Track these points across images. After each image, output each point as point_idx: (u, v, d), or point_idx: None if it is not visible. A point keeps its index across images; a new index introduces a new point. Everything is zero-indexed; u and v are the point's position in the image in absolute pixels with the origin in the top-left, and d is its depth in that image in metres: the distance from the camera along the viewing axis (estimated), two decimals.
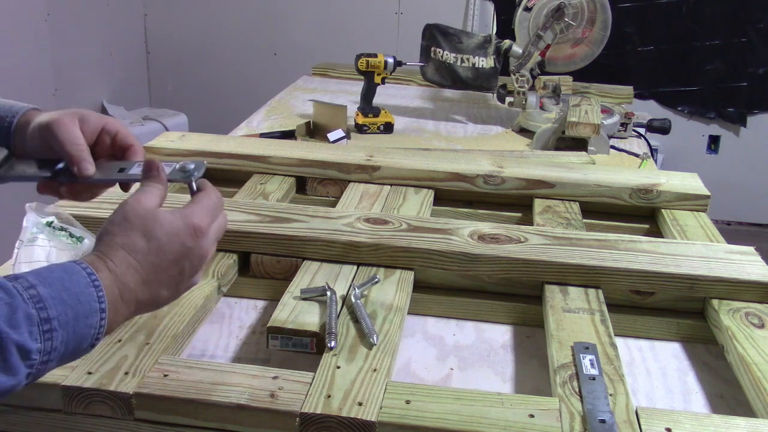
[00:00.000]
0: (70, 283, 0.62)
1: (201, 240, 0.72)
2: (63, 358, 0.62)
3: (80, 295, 0.62)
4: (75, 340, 0.61)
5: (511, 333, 1.03)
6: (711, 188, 1.39)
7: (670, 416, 0.77)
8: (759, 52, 3.57)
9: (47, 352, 0.59)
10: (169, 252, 0.69)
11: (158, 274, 0.69)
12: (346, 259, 1.08)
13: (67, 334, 0.60)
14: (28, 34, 2.99)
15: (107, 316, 0.64)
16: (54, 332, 0.59)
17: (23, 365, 0.58)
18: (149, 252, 0.68)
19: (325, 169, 1.41)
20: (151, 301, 0.70)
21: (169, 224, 0.70)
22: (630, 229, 1.33)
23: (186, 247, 0.70)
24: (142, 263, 0.68)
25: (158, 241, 0.69)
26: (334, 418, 0.74)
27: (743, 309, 0.99)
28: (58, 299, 0.60)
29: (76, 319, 0.61)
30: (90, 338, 0.63)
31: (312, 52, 3.50)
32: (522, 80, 2.01)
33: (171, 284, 0.71)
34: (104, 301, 0.64)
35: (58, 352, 0.60)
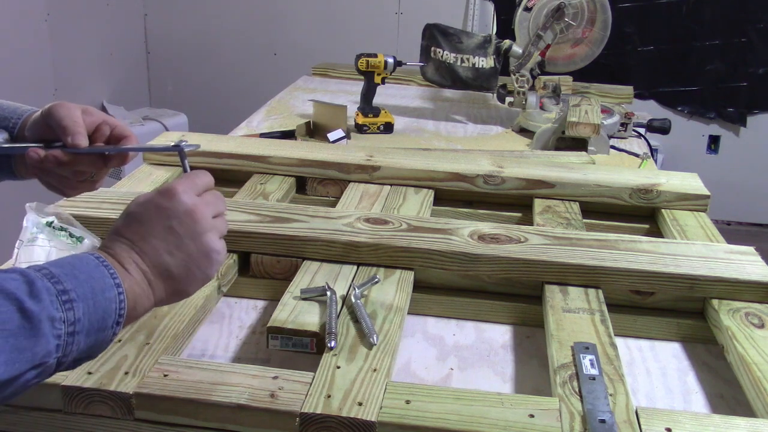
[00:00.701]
0: (81, 264, 0.65)
1: (175, 199, 0.72)
2: (90, 332, 0.63)
3: (92, 272, 0.64)
4: (98, 313, 0.63)
5: (511, 333, 1.03)
6: (711, 188, 1.39)
7: (670, 416, 0.77)
8: (759, 52, 3.57)
9: (71, 322, 0.61)
10: (145, 217, 0.71)
11: (144, 239, 0.70)
12: (346, 259, 1.08)
13: (87, 306, 0.62)
14: (28, 34, 2.99)
15: (125, 289, 0.66)
16: (74, 303, 0.61)
17: (51, 334, 0.59)
18: (130, 224, 0.71)
19: (325, 169, 1.41)
20: (161, 269, 0.70)
21: (142, 197, 0.73)
22: (630, 229, 1.33)
23: (161, 208, 0.72)
24: (127, 236, 0.70)
25: (134, 215, 0.72)
26: (334, 418, 0.74)
27: (743, 309, 0.99)
28: (71, 275, 0.62)
29: (93, 292, 0.63)
30: (114, 313, 0.64)
31: (312, 52, 3.49)
32: (522, 80, 2.01)
33: (170, 249, 0.71)
34: (117, 276, 0.66)
35: (83, 324, 0.62)
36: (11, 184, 0.94)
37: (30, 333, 0.57)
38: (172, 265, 0.71)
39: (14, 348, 0.56)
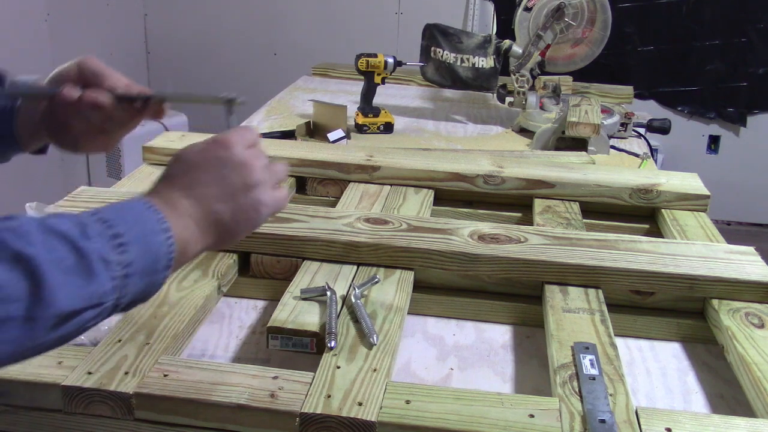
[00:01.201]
0: (129, 208, 0.65)
1: (230, 150, 0.73)
2: (143, 275, 0.63)
3: (141, 216, 0.65)
4: (150, 256, 0.64)
5: (511, 333, 1.03)
6: (711, 188, 1.39)
7: (670, 416, 0.77)
8: (759, 52, 3.57)
9: (125, 264, 0.61)
10: (201, 165, 0.72)
11: (200, 186, 0.71)
12: (346, 259, 1.08)
13: (139, 249, 0.63)
14: (28, 34, 2.99)
15: (174, 233, 0.66)
16: (127, 245, 0.62)
17: (106, 274, 0.60)
18: (185, 171, 0.72)
19: (325, 169, 1.41)
20: (213, 218, 0.71)
21: (199, 146, 0.74)
22: (630, 229, 1.33)
23: (217, 158, 0.73)
24: (181, 181, 0.71)
25: (188, 161, 0.73)
26: (334, 418, 0.74)
27: (743, 309, 0.99)
28: (122, 219, 0.63)
29: (144, 235, 0.64)
30: (164, 257, 0.65)
31: (312, 52, 3.49)
32: (522, 80, 2.01)
33: (223, 198, 0.72)
34: (165, 220, 0.66)
35: (137, 267, 0.62)
36: (11, 184, 0.94)
37: (86, 272, 0.58)
38: (223, 212, 0.72)
39: (72, 284, 0.57)
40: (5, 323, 0.54)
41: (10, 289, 0.54)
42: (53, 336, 0.58)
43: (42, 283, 0.55)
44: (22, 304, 0.55)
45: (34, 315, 0.55)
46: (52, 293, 0.56)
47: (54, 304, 0.56)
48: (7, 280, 0.54)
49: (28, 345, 0.57)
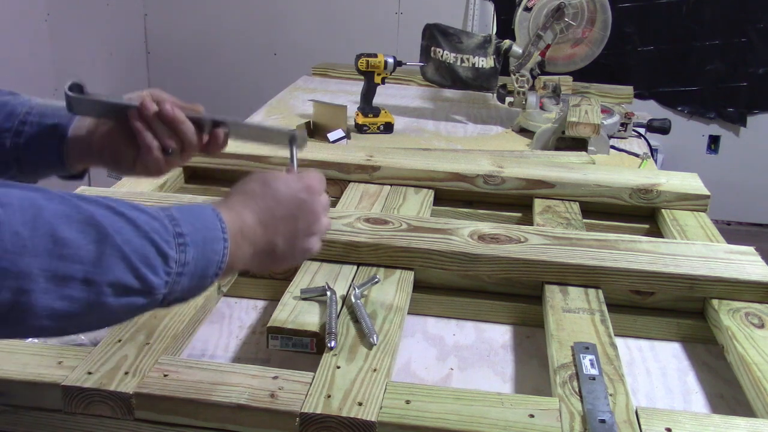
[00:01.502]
0: (199, 212, 0.68)
1: (314, 197, 0.77)
2: (193, 277, 0.65)
3: (207, 222, 0.67)
4: (203, 262, 0.66)
5: (511, 333, 1.03)
6: (711, 188, 1.39)
7: (670, 416, 0.77)
8: (759, 52, 3.57)
9: (182, 264, 0.64)
10: (283, 199, 0.75)
11: (274, 218, 0.74)
12: (346, 259, 1.08)
13: (197, 252, 0.65)
14: (28, 34, 2.99)
15: (229, 248, 0.68)
16: (187, 247, 0.64)
17: (162, 269, 0.62)
18: (265, 196, 0.74)
19: (325, 169, 1.41)
20: (268, 248, 0.73)
21: (285, 177, 0.77)
22: (630, 229, 1.33)
23: (299, 199, 0.76)
24: (260, 205, 0.73)
25: (275, 189, 0.75)
26: (334, 418, 0.74)
27: (743, 309, 0.99)
28: (189, 221, 0.66)
29: (204, 242, 0.66)
30: (215, 265, 0.67)
31: (312, 52, 3.49)
32: (522, 80, 2.01)
33: (286, 235, 0.74)
34: (227, 231, 0.68)
35: (190, 269, 0.64)
36: None
37: (145, 260, 0.61)
38: (279, 248, 0.74)
39: (131, 263, 0.59)
40: (67, 281, 0.56)
41: (76, 249, 0.56)
42: (111, 308, 0.60)
43: (106, 251, 0.58)
44: (85, 266, 0.57)
45: (94, 279, 0.57)
46: (111, 262, 0.58)
47: (112, 272, 0.58)
48: (76, 239, 0.57)
49: (87, 309, 0.58)
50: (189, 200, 1.17)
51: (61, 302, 0.56)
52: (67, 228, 0.56)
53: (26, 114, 0.86)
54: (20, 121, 0.85)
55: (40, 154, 0.86)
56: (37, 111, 0.87)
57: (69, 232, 0.56)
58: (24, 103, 0.87)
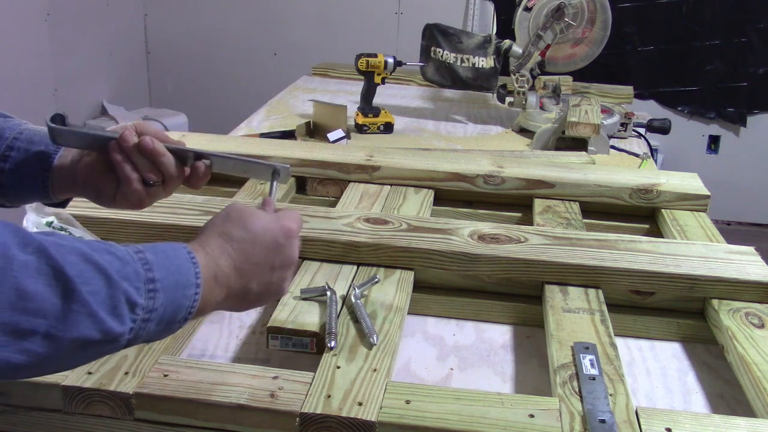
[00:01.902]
0: (173, 255, 0.66)
1: (291, 240, 0.76)
2: (160, 323, 0.64)
3: (180, 266, 0.66)
4: (172, 307, 0.65)
5: (511, 333, 1.03)
6: (711, 188, 1.39)
7: (670, 416, 0.77)
8: (759, 52, 3.57)
9: (149, 310, 0.63)
10: (261, 244, 0.73)
11: (250, 264, 0.72)
12: (346, 259, 1.08)
13: (167, 298, 0.64)
14: (28, 34, 2.99)
15: (201, 293, 0.67)
16: (157, 293, 0.63)
17: (129, 317, 0.61)
18: (244, 240, 0.72)
19: (325, 169, 1.41)
20: (241, 292, 0.72)
21: (265, 220, 0.75)
22: (630, 229, 1.33)
23: (277, 243, 0.74)
24: (237, 250, 0.72)
25: (253, 233, 0.73)
26: (334, 418, 0.74)
27: (743, 309, 0.99)
28: (162, 265, 0.64)
29: (175, 287, 0.65)
30: (185, 310, 0.66)
31: (312, 52, 3.50)
32: (522, 80, 2.01)
33: (261, 280, 0.73)
34: (200, 277, 0.67)
35: (158, 314, 0.64)
36: None
37: (112, 310, 0.60)
38: (252, 292, 0.73)
39: (96, 315, 0.59)
40: (27, 336, 0.55)
41: (41, 304, 0.55)
42: (65, 360, 0.59)
43: (71, 306, 0.57)
44: (47, 321, 0.56)
45: (55, 335, 0.56)
46: (76, 319, 0.57)
47: (76, 329, 0.57)
48: (42, 294, 0.56)
49: (44, 361, 0.58)
50: (188, 201, 1.17)
51: (18, 356, 0.55)
52: (33, 281, 0.55)
53: (14, 139, 0.85)
54: (7, 146, 0.85)
55: (24, 180, 0.85)
56: (25, 137, 0.86)
57: (35, 285, 0.55)
58: (13, 128, 0.86)
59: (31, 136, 0.86)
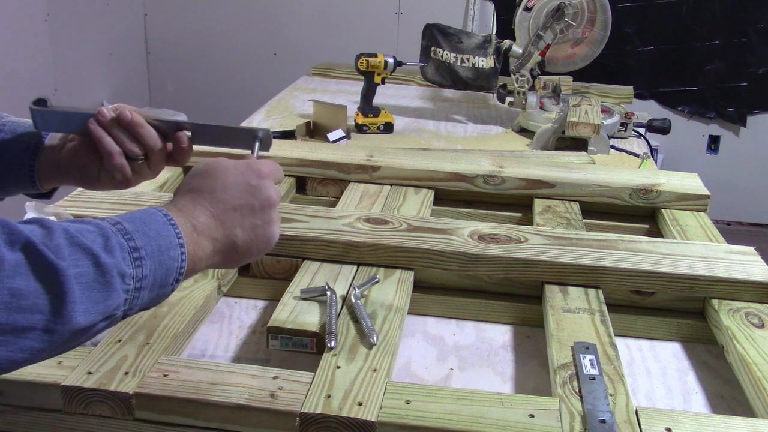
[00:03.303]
0: (150, 221, 0.66)
1: (263, 181, 0.75)
2: (153, 288, 0.65)
3: (160, 230, 0.66)
4: (162, 271, 0.65)
5: (511, 333, 1.03)
6: (711, 188, 1.39)
7: (670, 416, 0.77)
8: (759, 52, 3.57)
9: (139, 278, 0.63)
10: (234, 187, 0.73)
11: (227, 210, 0.72)
12: (346, 259, 1.08)
13: (154, 263, 0.64)
14: (28, 34, 2.99)
15: (187, 250, 0.67)
16: (143, 260, 0.63)
17: (121, 288, 0.61)
18: (214, 189, 0.72)
19: (325, 169, 1.41)
20: (228, 241, 0.72)
21: (234, 166, 0.74)
22: (630, 229, 1.33)
23: (249, 184, 0.74)
24: (209, 200, 0.72)
25: (223, 180, 0.73)
26: (334, 418, 0.74)
27: (743, 309, 0.99)
28: (141, 233, 0.65)
29: (160, 251, 0.65)
30: (175, 272, 0.66)
31: (312, 52, 3.50)
32: (522, 80, 2.01)
33: (245, 225, 0.73)
34: (181, 236, 0.67)
35: (149, 281, 0.64)
36: None
37: (104, 287, 0.60)
38: (240, 239, 0.73)
39: (90, 299, 0.59)
40: (26, 332, 0.55)
41: (34, 300, 0.56)
42: (67, 346, 0.60)
43: (65, 299, 0.57)
44: (44, 316, 0.56)
45: (54, 328, 0.57)
46: (72, 309, 0.57)
47: (73, 319, 0.58)
48: (33, 290, 0.56)
49: (44, 354, 0.58)
50: None
51: (20, 354, 0.56)
52: (24, 279, 0.55)
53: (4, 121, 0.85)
54: None
55: (11, 169, 0.86)
56: (9, 128, 0.86)
57: (27, 282, 0.55)
58: None
59: (14, 127, 0.87)
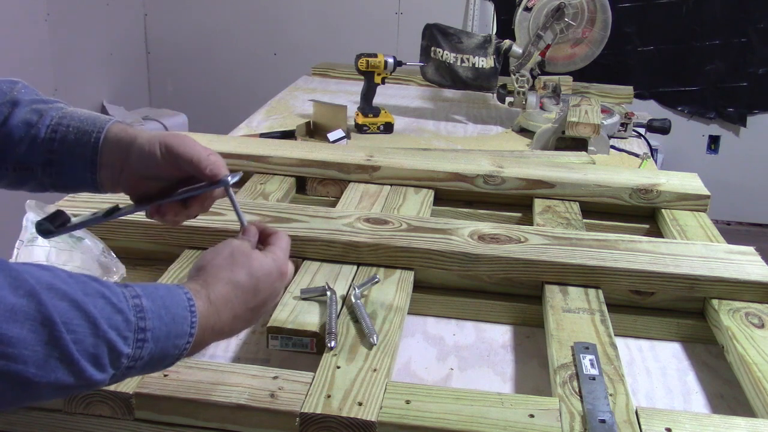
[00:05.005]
0: (171, 303, 0.65)
1: (284, 282, 0.77)
2: (144, 368, 0.64)
3: (176, 316, 0.65)
4: (159, 355, 0.64)
5: (511, 333, 1.03)
6: (711, 188, 1.39)
7: (670, 416, 0.77)
8: (759, 52, 3.57)
9: (135, 359, 0.62)
10: (262, 291, 0.74)
11: (247, 310, 0.72)
12: (346, 259, 1.08)
13: (155, 347, 0.63)
14: (28, 34, 2.99)
15: (193, 341, 0.66)
16: (146, 342, 0.62)
17: (111, 366, 0.60)
18: (248, 290, 0.72)
19: (325, 169, 1.41)
20: (228, 330, 0.72)
21: (267, 266, 0.74)
22: (630, 229, 1.33)
23: (274, 287, 0.75)
24: (240, 299, 0.71)
25: (256, 279, 0.73)
26: (334, 418, 0.74)
27: (743, 309, 0.99)
28: (156, 315, 0.63)
29: (167, 337, 0.64)
30: (171, 358, 0.65)
31: (312, 52, 3.49)
32: (522, 80, 2.01)
33: (246, 318, 0.73)
34: (195, 327, 0.66)
35: (143, 362, 0.63)
36: None
37: (94, 361, 0.59)
38: (236, 330, 0.73)
39: (78, 365, 0.57)
40: (2, 378, 0.54)
41: (23, 350, 0.54)
42: (42, 398, 0.59)
43: (53, 353, 0.56)
44: (27, 367, 0.55)
45: (32, 380, 0.55)
46: (56, 365, 0.56)
47: (53, 374, 0.56)
48: (25, 339, 0.54)
49: (15, 402, 0.57)
50: None
51: None
52: (18, 326, 0.54)
53: (61, 117, 0.83)
54: (57, 122, 0.83)
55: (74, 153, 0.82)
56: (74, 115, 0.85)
57: (21, 330, 0.54)
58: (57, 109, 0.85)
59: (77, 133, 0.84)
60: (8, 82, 0.87)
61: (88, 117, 0.85)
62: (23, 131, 0.82)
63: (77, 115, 0.85)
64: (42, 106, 0.85)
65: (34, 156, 0.83)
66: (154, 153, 0.80)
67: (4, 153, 0.83)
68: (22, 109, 0.84)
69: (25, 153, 0.82)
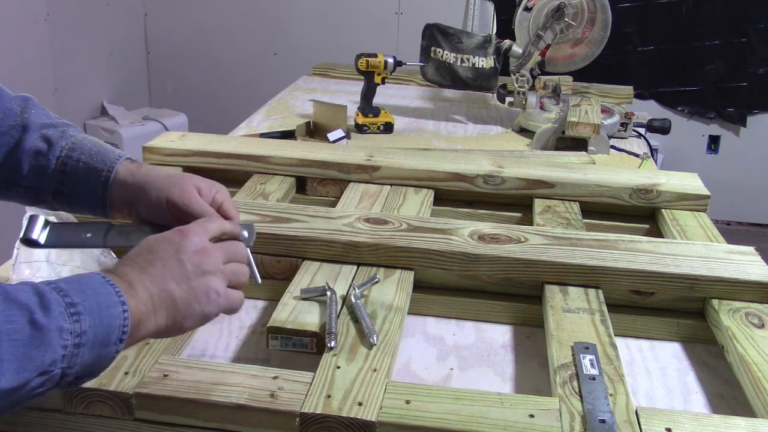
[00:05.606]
0: (87, 281, 0.66)
1: (187, 236, 0.75)
2: (94, 346, 0.64)
3: (98, 288, 0.66)
4: (102, 328, 0.64)
5: (511, 333, 1.03)
6: (711, 188, 1.39)
7: (670, 416, 0.77)
8: (759, 52, 3.57)
9: (78, 333, 0.62)
10: (153, 246, 0.74)
11: (157, 266, 0.72)
12: (346, 259, 1.08)
13: (93, 320, 0.63)
14: (28, 34, 2.99)
15: (130, 307, 0.67)
16: (81, 315, 0.63)
17: (59, 344, 0.60)
18: (139, 254, 0.74)
19: (325, 169, 1.41)
20: (165, 295, 0.71)
21: (159, 234, 0.76)
22: (630, 229, 1.33)
23: (172, 242, 0.75)
24: (139, 262, 0.73)
25: (147, 245, 0.75)
26: (334, 418, 0.74)
27: (743, 309, 0.99)
28: (78, 290, 0.64)
29: (99, 307, 0.64)
30: (118, 330, 0.65)
31: (312, 52, 3.50)
32: (522, 80, 2.01)
33: (176, 278, 0.72)
34: (122, 294, 0.67)
35: (88, 337, 0.63)
36: None
37: (39, 342, 0.59)
38: (177, 293, 0.72)
39: (24, 356, 0.58)
40: None
41: None
42: (4, 404, 0.59)
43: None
44: None
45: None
46: (3, 366, 0.56)
47: (3, 377, 0.57)
48: None
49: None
50: None
51: None
52: None
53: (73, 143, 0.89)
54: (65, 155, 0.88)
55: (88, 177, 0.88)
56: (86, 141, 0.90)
57: None
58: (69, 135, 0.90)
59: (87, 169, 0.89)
60: (20, 99, 0.91)
61: (98, 152, 0.90)
62: (33, 159, 0.88)
63: (87, 148, 0.90)
64: (51, 133, 0.90)
65: (45, 185, 0.88)
66: (161, 205, 0.84)
67: (15, 178, 0.88)
68: (32, 135, 0.90)
69: (37, 180, 0.88)
